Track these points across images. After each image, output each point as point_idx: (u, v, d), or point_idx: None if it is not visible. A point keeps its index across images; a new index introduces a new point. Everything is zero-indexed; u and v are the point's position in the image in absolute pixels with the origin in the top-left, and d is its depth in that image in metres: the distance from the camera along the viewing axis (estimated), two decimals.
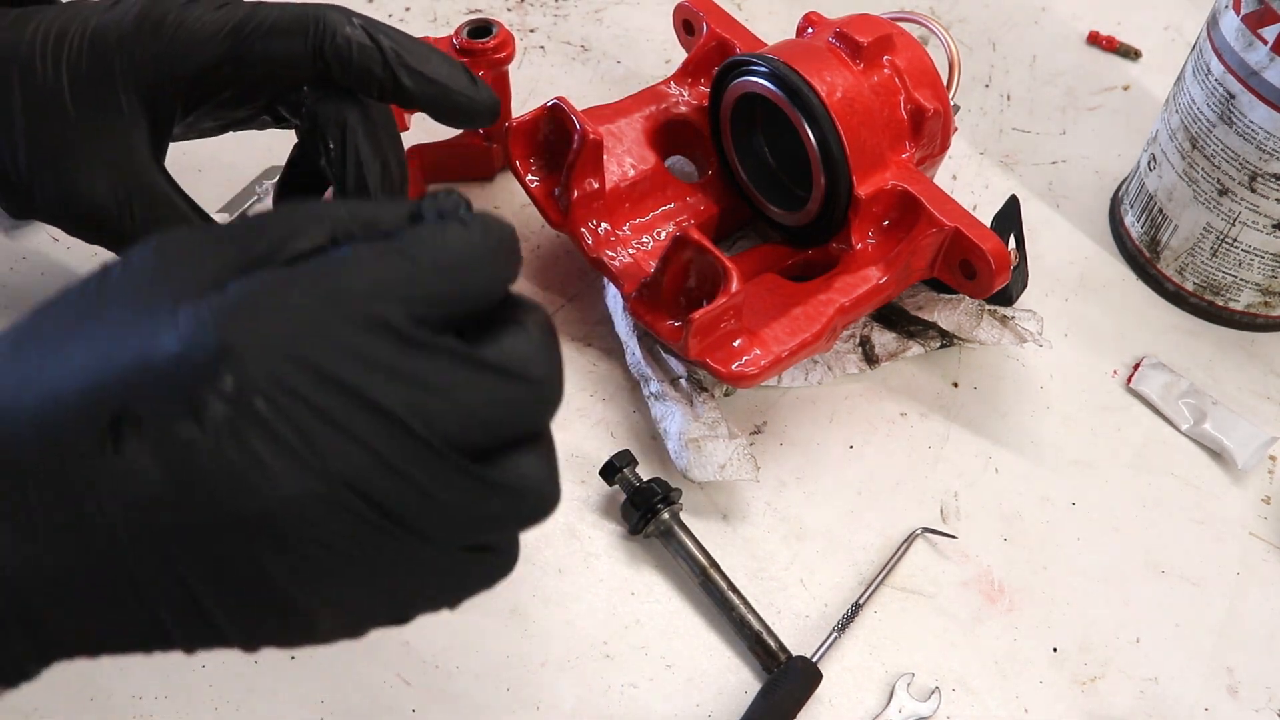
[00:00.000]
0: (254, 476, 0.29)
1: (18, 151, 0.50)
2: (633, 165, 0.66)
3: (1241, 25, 0.60)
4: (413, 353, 0.31)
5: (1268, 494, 0.64)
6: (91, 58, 0.49)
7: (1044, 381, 0.67)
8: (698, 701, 0.54)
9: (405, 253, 0.32)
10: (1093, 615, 0.59)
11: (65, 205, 0.50)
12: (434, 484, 0.31)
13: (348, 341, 0.30)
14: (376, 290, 0.31)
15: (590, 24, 0.84)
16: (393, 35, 0.52)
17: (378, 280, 0.31)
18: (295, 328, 0.30)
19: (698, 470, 0.58)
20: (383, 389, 0.30)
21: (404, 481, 0.30)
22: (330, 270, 0.31)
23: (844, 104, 0.60)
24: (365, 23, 0.52)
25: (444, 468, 0.31)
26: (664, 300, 0.59)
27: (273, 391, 0.29)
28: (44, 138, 0.50)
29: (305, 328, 0.30)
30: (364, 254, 0.32)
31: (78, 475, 0.30)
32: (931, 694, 0.55)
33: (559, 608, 0.56)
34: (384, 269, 0.31)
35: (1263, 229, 0.65)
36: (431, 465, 0.31)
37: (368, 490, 0.30)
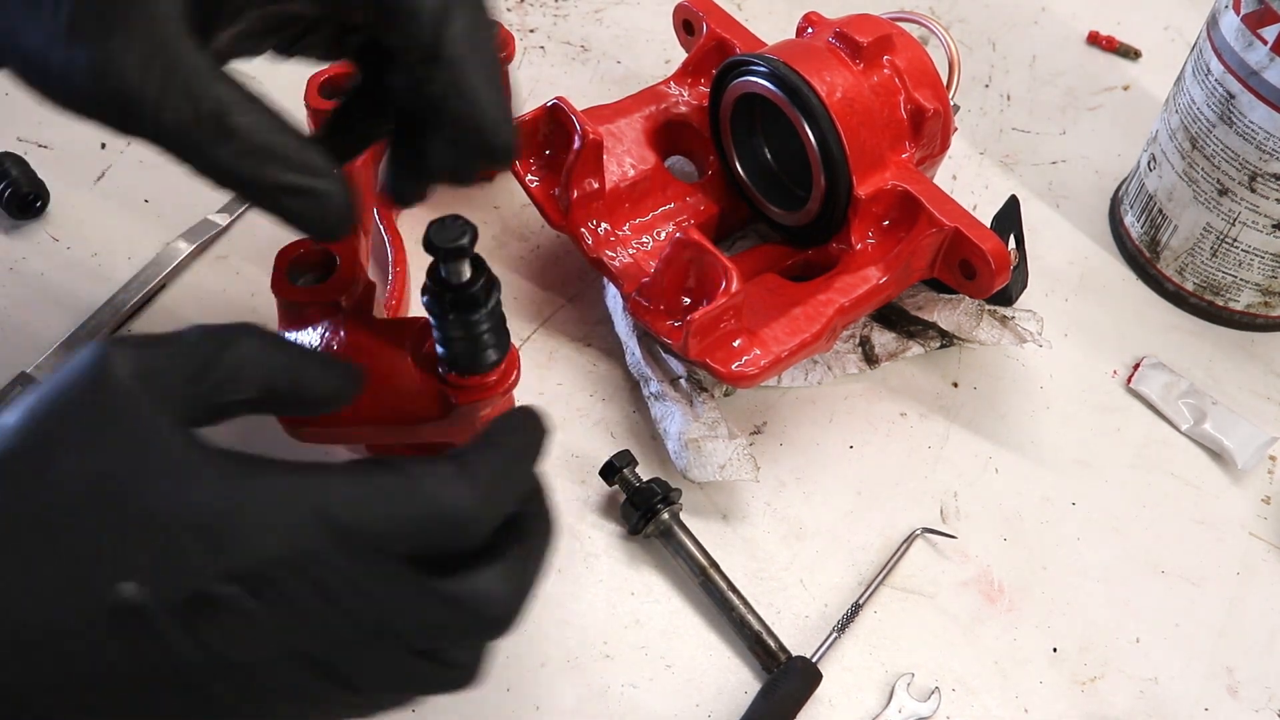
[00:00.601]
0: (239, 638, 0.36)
1: (59, 16, 0.39)
2: (633, 165, 0.66)
3: (1241, 25, 0.60)
4: (384, 579, 0.37)
5: (1268, 494, 0.64)
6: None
7: (1044, 382, 0.67)
8: (697, 701, 0.54)
9: (413, 487, 0.38)
10: (1092, 615, 0.59)
11: (95, 83, 0.40)
12: (374, 671, 0.38)
13: (337, 562, 0.36)
14: (373, 523, 0.37)
15: (590, 24, 0.84)
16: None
17: (376, 516, 0.37)
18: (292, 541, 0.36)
19: (697, 470, 0.58)
20: (356, 607, 0.37)
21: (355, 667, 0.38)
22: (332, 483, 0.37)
23: (844, 104, 0.60)
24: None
25: (388, 661, 0.38)
26: (664, 300, 0.59)
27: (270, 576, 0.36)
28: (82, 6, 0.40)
29: (300, 541, 0.36)
30: (367, 486, 0.38)
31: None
32: (931, 694, 0.55)
33: (559, 608, 0.56)
34: (377, 510, 0.37)
35: (1262, 229, 0.65)
36: (379, 659, 0.38)
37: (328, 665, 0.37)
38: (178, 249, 0.66)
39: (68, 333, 0.62)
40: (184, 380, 0.38)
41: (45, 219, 0.68)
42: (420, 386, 0.50)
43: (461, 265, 0.44)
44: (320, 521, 0.36)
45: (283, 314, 0.54)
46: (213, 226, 0.68)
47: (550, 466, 0.49)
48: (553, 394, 0.64)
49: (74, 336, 0.62)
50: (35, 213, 0.68)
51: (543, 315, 0.67)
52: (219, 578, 0.35)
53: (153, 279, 0.65)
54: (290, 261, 0.53)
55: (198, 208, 0.68)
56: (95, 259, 0.66)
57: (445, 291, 0.45)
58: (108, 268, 0.66)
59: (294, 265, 0.53)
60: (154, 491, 0.36)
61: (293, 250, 0.54)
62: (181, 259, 0.66)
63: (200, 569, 0.35)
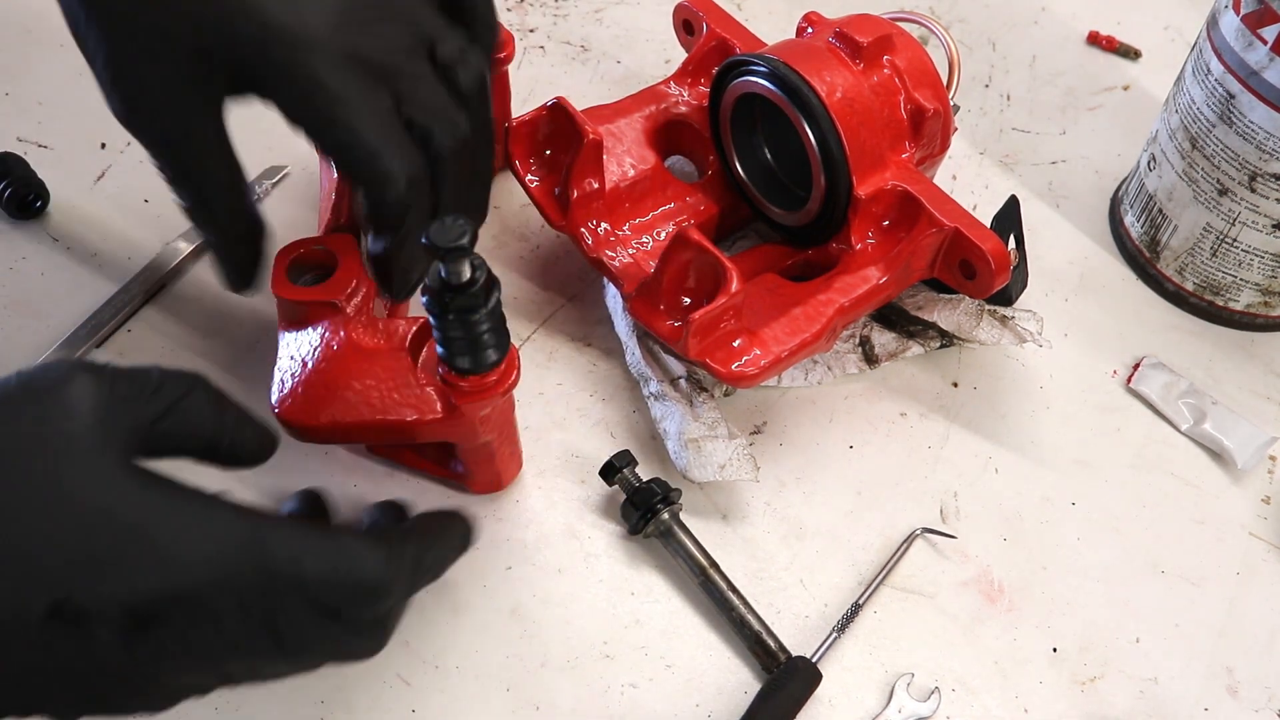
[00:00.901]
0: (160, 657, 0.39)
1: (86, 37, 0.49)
2: (632, 165, 0.66)
3: (1241, 25, 0.60)
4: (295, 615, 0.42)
5: (1267, 494, 0.64)
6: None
7: (1044, 381, 0.67)
8: (697, 701, 0.54)
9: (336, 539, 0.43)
10: (1092, 615, 0.59)
11: (111, 107, 0.50)
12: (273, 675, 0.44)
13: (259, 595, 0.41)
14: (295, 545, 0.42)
15: (590, 24, 0.84)
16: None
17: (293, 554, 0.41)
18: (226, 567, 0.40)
19: (697, 470, 0.58)
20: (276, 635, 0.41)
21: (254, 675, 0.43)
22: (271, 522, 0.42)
23: (844, 104, 0.60)
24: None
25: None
26: (664, 300, 0.59)
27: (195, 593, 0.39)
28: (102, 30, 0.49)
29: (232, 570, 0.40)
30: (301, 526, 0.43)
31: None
32: (931, 694, 0.55)
33: (559, 608, 0.56)
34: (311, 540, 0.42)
35: (1262, 229, 0.65)
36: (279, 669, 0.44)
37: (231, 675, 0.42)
38: (177, 249, 0.66)
39: (68, 333, 0.62)
40: (137, 421, 0.41)
41: (45, 219, 0.68)
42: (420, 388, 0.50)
43: (461, 265, 0.44)
44: (251, 554, 0.40)
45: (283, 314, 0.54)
46: None
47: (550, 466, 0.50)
48: (552, 394, 0.64)
49: (75, 336, 0.62)
50: (35, 213, 0.68)
51: (543, 315, 0.67)
52: (161, 595, 0.38)
53: (152, 279, 0.65)
54: (291, 261, 0.53)
55: None
56: (95, 259, 0.66)
57: (445, 291, 0.45)
58: (108, 268, 0.66)
59: (294, 265, 0.53)
60: (103, 509, 0.38)
61: (293, 250, 0.54)
62: (181, 259, 0.66)
63: (142, 584, 0.38)
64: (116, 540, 0.38)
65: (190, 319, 0.64)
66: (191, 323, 0.64)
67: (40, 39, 0.76)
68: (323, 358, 0.51)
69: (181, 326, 0.64)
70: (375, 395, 0.50)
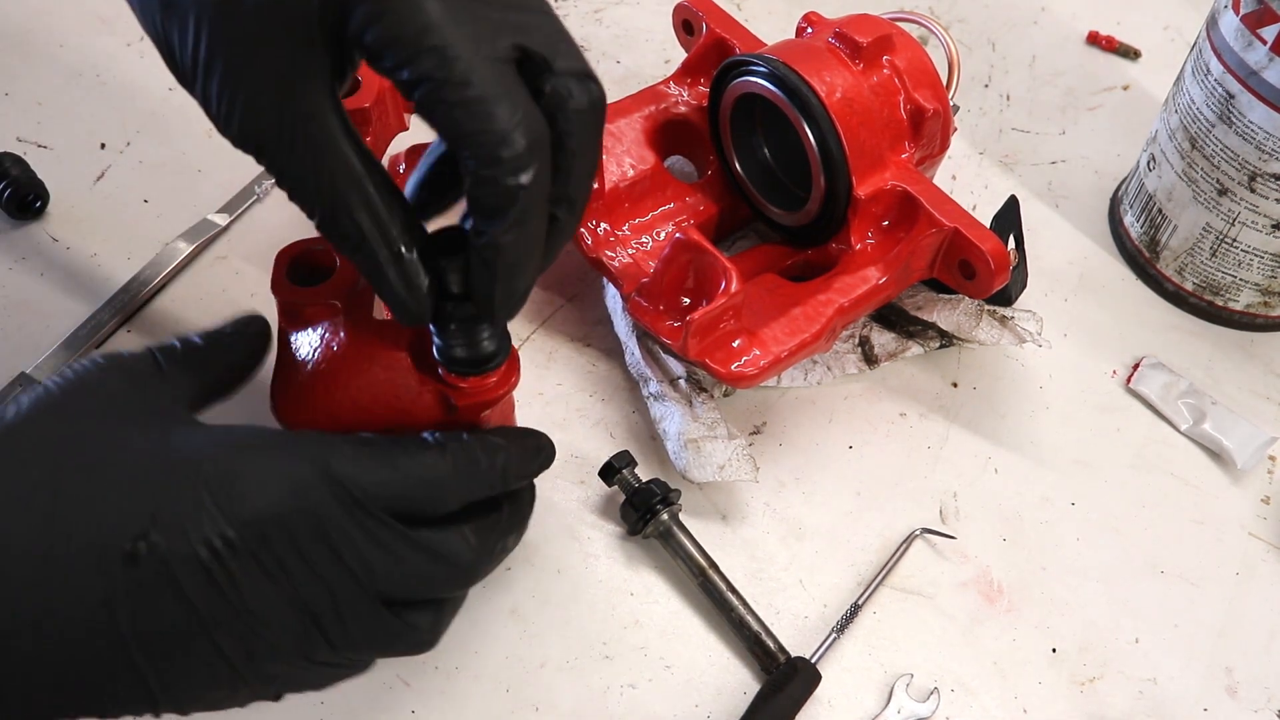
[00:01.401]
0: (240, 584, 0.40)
1: (190, 48, 0.41)
2: (632, 165, 0.66)
3: (1241, 25, 0.60)
4: (375, 520, 0.42)
5: (1267, 494, 0.64)
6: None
7: (1043, 382, 0.67)
8: (696, 702, 0.54)
9: (391, 464, 0.43)
10: (1092, 615, 0.59)
11: (225, 123, 0.42)
12: (352, 619, 0.42)
13: (332, 513, 0.41)
14: (363, 478, 0.42)
15: (590, 24, 0.84)
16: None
17: (366, 471, 0.42)
18: (298, 491, 0.41)
19: (697, 471, 0.58)
20: (345, 546, 0.41)
21: (336, 613, 0.42)
22: (332, 447, 0.43)
23: (843, 104, 0.60)
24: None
25: (365, 609, 0.43)
26: (663, 300, 0.59)
27: (269, 527, 0.40)
28: (217, 40, 0.41)
29: (306, 492, 0.41)
30: (361, 446, 0.44)
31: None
32: (930, 695, 0.55)
33: (558, 608, 0.56)
34: (373, 467, 0.43)
35: (1262, 229, 0.65)
36: (358, 607, 0.42)
37: (313, 610, 0.41)
38: (177, 249, 0.66)
39: (68, 333, 0.62)
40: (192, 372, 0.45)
41: (45, 219, 0.68)
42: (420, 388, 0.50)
43: (460, 275, 0.44)
44: (323, 478, 0.41)
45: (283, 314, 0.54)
46: (212, 226, 0.68)
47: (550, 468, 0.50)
48: (552, 394, 0.64)
49: (74, 336, 0.62)
50: (35, 213, 0.68)
51: (542, 315, 0.67)
52: (234, 527, 0.40)
53: (152, 279, 0.65)
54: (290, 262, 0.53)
55: (197, 208, 0.68)
56: (95, 259, 0.66)
57: (447, 302, 0.45)
58: (107, 268, 0.66)
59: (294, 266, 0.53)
60: (169, 453, 0.40)
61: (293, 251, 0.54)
62: (181, 259, 0.66)
63: (214, 520, 0.39)
64: (180, 477, 0.40)
65: (190, 319, 0.64)
66: (191, 323, 0.64)
67: (40, 39, 0.76)
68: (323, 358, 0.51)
69: (181, 328, 0.64)
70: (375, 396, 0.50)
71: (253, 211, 0.69)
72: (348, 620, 0.42)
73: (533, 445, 0.50)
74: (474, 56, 0.39)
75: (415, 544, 0.43)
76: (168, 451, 0.41)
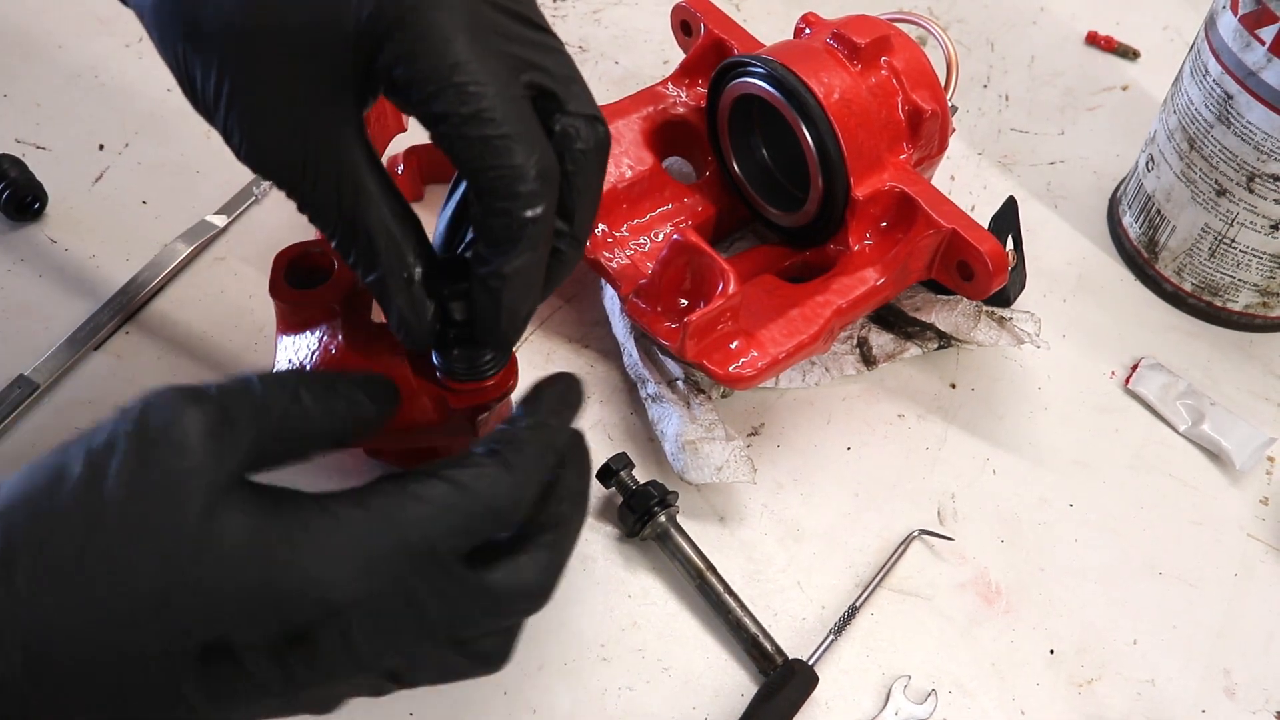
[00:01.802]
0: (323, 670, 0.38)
1: (214, 82, 0.42)
2: (630, 166, 0.66)
3: (1239, 26, 0.60)
4: (450, 578, 0.40)
5: (1265, 495, 0.64)
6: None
7: (1042, 382, 0.67)
8: (694, 704, 0.54)
9: (462, 492, 0.40)
10: (1090, 617, 0.59)
11: (247, 155, 0.43)
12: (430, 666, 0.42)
13: (418, 582, 0.39)
14: (431, 534, 0.40)
15: (588, 24, 0.84)
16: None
17: (433, 526, 0.40)
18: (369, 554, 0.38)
19: (694, 472, 0.58)
20: (426, 605, 0.40)
21: (413, 667, 0.41)
22: (398, 506, 0.40)
23: (841, 105, 0.60)
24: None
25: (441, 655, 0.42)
26: (661, 302, 0.59)
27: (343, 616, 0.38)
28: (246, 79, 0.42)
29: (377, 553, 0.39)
30: (426, 493, 0.40)
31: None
32: (928, 696, 0.55)
33: (555, 610, 0.56)
34: (437, 518, 0.40)
35: (1260, 229, 0.64)
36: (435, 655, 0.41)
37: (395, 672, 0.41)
38: (176, 250, 0.66)
39: (66, 334, 0.62)
40: (250, 442, 0.39)
41: (43, 221, 0.68)
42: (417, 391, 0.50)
43: (462, 304, 0.45)
44: (400, 550, 0.39)
45: (280, 317, 0.54)
46: (211, 228, 0.68)
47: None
48: None
49: (73, 338, 0.62)
50: (33, 215, 0.68)
51: (540, 317, 0.67)
52: (305, 616, 0.38)
53: (151, 280, 0.65)
54: (288, 264, 0.53)
55: (196, 209, 0.69)
56: (93, 261, 0.66)
57: (448, 328, 0.46)
58: (106, 269, 0.66)
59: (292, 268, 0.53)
60: (236, 544, 0.37)
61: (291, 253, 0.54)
62: (180, 260, 0.66)
63: (287, 610, 0.37)
64: (256, 572, 0.37)
65: (189, 322, 0.64)
66: (190, 325, 0.64)
67: (38, 41, 0.76)
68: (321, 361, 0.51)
69: (180, 329, 0.64)
70: None
71: (251, 213, 0.69)
72: (421, 670, 0.42)
73: (559, 394, 0.46)
74: (496, 95, 0.41)
75: (492, 592, 0.41)
76: (233, 538, 0.37)
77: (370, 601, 0.39)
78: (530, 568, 0.42)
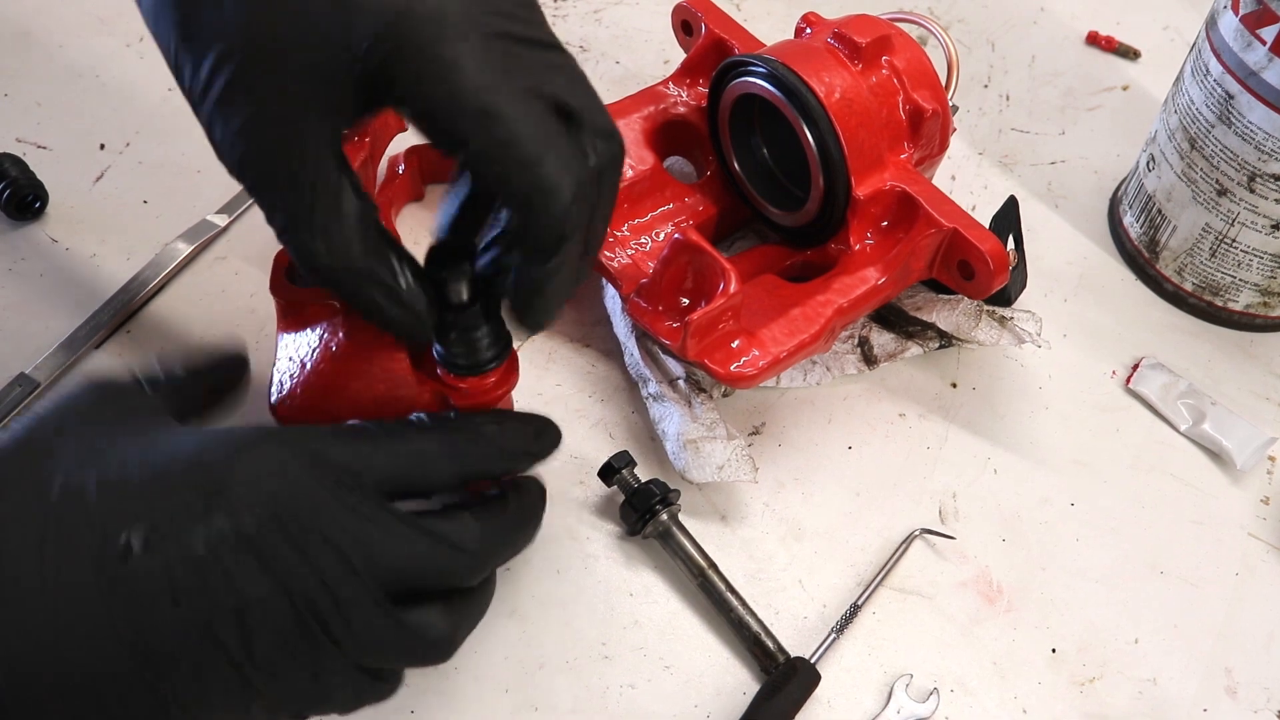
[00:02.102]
0: (237, 579, 0.39)
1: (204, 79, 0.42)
2: (631, 166, 0.66)
3: (1240, 25, 0.60)
4: (365, 510, 0.41)
5: (1266, 495, 0.64)
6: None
7: (1043, 382, 0.67)
8: (696, 702, 0.54)
9: (376, 445, 0.44)
10: (1091, 616, 0.59)
11: (226, 154, 0.43)
12: (355, 611, 0.41)
13: (321, 498, 0.41)
14: (353, 461, 0.42)
15: (589, 24, 0.84)
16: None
17: (356, 454, 0.42)
18: (288, 480, 0.40)
19: (696, 471, 0.58)
20: (339, 532, 0.40)
21: (334, 604, 0.40)
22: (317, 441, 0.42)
23: (842, 105, 0.60)
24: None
25: (366, 600, 0.41)
26: (662, 301, 0.59)
27: (261, 519, 0.39)
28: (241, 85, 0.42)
29: (296, 480, 0.41)
30: (345, 433, 0.44)
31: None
32: (930, 695, 0.55)
33: (557, 609, 0.56)
34: (362, 449, 0.43)
35: (1261, 229, 0.65)
36: (358, 596, 0.41)
37: (312, 600, 0.40)
38: (176, 250, 0.66)
39: (67, 333, 0.62)
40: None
41: (44, 220, 0.68)
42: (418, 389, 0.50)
43: (460, 286, 0.45)
44: (311, 464, 0.41)
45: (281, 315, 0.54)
46: (211, 227, 0.68)
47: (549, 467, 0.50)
48: (551, 395, 0.63)
49: (73, 337, 0.62)
50: (34, 214, 0.68)
51: None
52: (225, 522, 0.39)
53: (151, 280, 0.65)
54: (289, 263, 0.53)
55: (196, 208, 0.69)
56: (94, 260, 0.66)
57: (446, 312, 0.46)
58: (107, 268, 0.66)
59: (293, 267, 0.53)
60: (155, 457, 0.40)
61: None
62: (180, 260, 0.66)
63: (204, 517, 0.39)
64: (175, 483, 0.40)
65: (189, 321, 0.64)
66: (190, 324, 0.64)
67: (39, 40, 0.76)
68: (322, 359, 0.51)
69: (181, 329, 0.64)
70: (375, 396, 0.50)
71: (252, 212, 0.69)
72: (349, 614, 0.40)
73: (531, 428, 0.49)
74: (519, 117, 0.41)
75: (413, 525, 0.42)
76: (154, 455, 0.40)
77: (279, 509, 0.40)
78: (459, 524, 0.44)
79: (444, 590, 0.44)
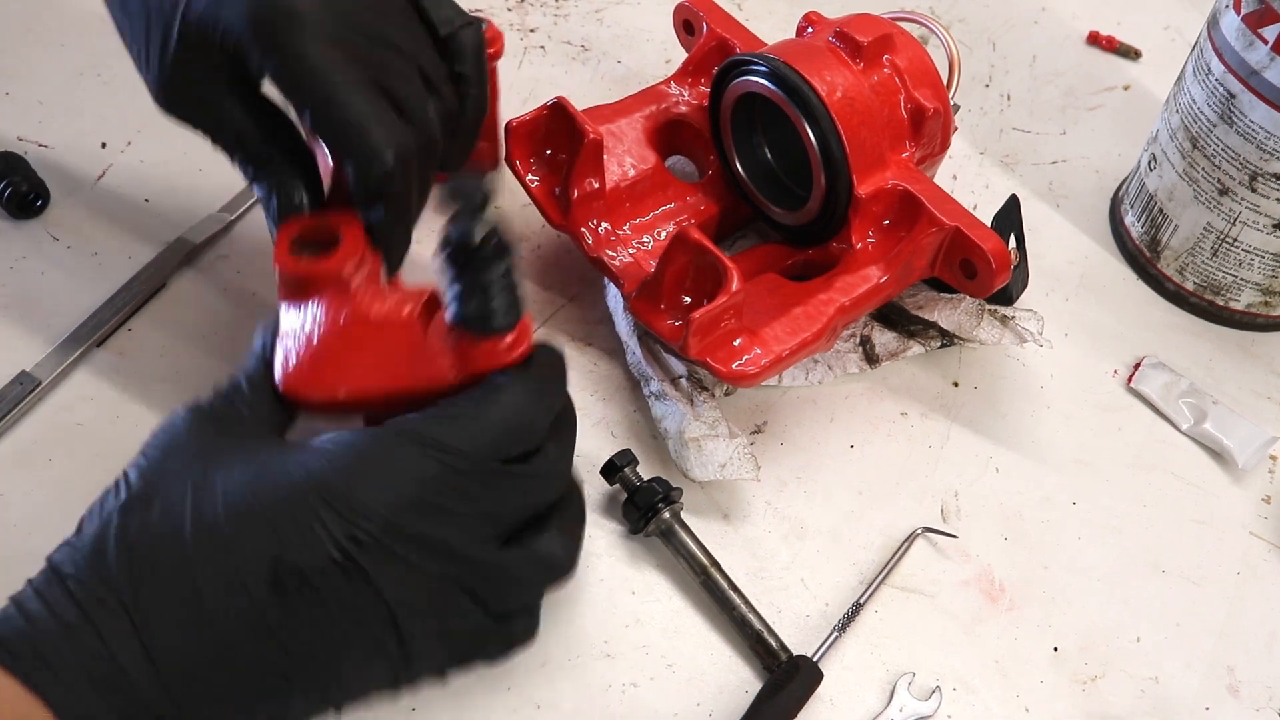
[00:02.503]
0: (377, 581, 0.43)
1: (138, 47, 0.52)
2: (633, 165, 0.66)
3: (1242, 25, 0.60)
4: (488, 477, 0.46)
5: (1268, 493, 0.64)
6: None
7: (1044, 381, 0.67)
8: (698, 701, 0.54)
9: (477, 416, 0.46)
10: (1093, 614, 0.59)
11: (153, 95, 0.53)
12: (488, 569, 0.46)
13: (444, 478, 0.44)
14: (457, 446, 0.45)
15: (590, 24, 0.84)
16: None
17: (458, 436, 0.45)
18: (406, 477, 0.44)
19: (698, 469, 0.58)
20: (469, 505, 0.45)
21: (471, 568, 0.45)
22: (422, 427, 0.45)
23: (844, 103, 0.60)
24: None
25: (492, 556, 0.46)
26: (664, 300, 0.59)
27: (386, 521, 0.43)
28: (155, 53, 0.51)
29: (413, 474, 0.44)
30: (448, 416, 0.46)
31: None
32: (932, 693, 0.55)
33: (560, 607, 0.56)
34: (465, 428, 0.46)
35: (1263, 229, 0.65)
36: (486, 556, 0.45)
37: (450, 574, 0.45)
38: (178, 247, 0.66)
39: (68, 332, 0.62)
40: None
41: (45, 218, 0.68)
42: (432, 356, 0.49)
43: (475, 224, 0.46)
44: (424, 451, 0.44)
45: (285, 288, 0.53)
46: (213, 225, 0.68)
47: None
48: None
49: (74, 336, 0.62)
50: (35, 212, 0.68)
51: (543, 315, 0.67)
52: (356, 525, 0.42)
53: (153, 278, 0.65)
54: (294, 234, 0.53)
55: (198, 206, 0.68)
56: (95, 258, 0.66)
57: (460, 252, 0.47)
58: (108, 267, 0.66)
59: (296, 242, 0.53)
60: (274, 477, 0.43)
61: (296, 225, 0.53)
62: (182, 257, 0.66)
63: (335, 523, 0.42)
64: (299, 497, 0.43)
65: (191, 318, 0.64)
66: (192, 322, 0.64)
67: (40, 39, 0.76)
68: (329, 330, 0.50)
69: (182, 326, 0.64)
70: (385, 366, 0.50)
71: (254, 210, 0.69)
72: (485, 574, 0.45)
73: (553, 354, 0.51)
74: (350, 93, 0.48)
75: (529, 555, 0.47)
76: (272, 475, 0.43)
77: (406, 499, 0.43)
78: (555, 541, 0.48)
79: (542, 515, 0.48)
